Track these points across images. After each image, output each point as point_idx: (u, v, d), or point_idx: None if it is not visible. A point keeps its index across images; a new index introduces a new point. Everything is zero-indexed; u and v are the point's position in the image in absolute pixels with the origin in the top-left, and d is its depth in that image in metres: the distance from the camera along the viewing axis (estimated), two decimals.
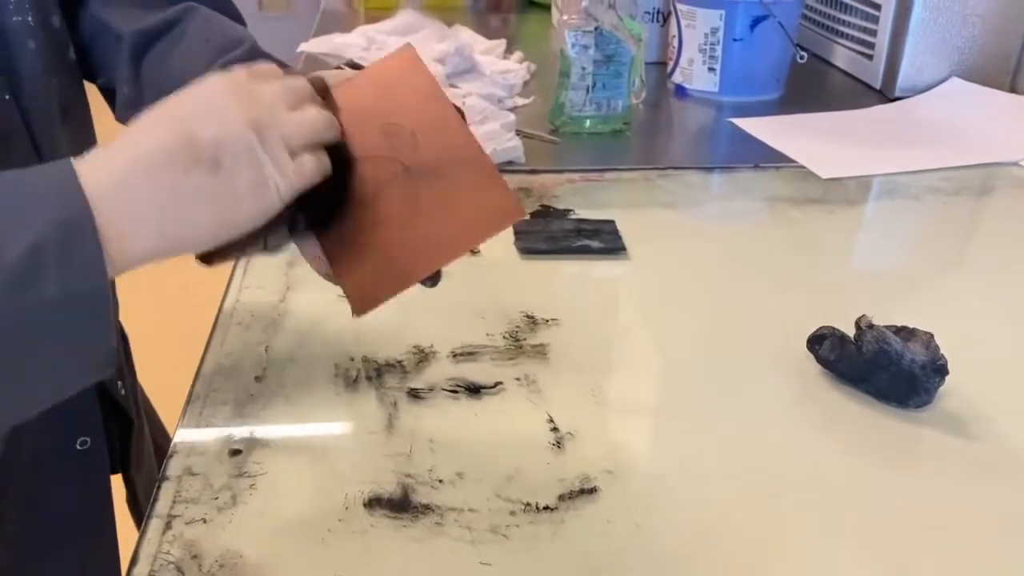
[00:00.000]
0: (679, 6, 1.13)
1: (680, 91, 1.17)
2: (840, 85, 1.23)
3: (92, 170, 0.40)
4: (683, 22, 1.13)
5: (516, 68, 1.15)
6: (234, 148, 0.42)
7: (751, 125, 1.05)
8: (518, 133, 0.96)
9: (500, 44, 1.28)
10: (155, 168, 0.41)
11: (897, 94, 1.14)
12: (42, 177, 0.41)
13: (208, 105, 0.43)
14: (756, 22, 1.09)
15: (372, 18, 1.53)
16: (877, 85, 1.18)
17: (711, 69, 1.13)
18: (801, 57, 1.14)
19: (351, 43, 1.27)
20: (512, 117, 0.96)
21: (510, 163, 0.92)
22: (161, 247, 0.41)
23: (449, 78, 1.08)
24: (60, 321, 0.38)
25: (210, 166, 0.42)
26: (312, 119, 0.46)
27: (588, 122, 1.01)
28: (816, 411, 0.56)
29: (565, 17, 0.98)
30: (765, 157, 0.95)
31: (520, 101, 1.10)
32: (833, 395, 0.57)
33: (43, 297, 0.37)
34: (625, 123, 1.02)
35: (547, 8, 1.63)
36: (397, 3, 1.58)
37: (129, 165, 0.41)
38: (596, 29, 0.97)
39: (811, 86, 1.21)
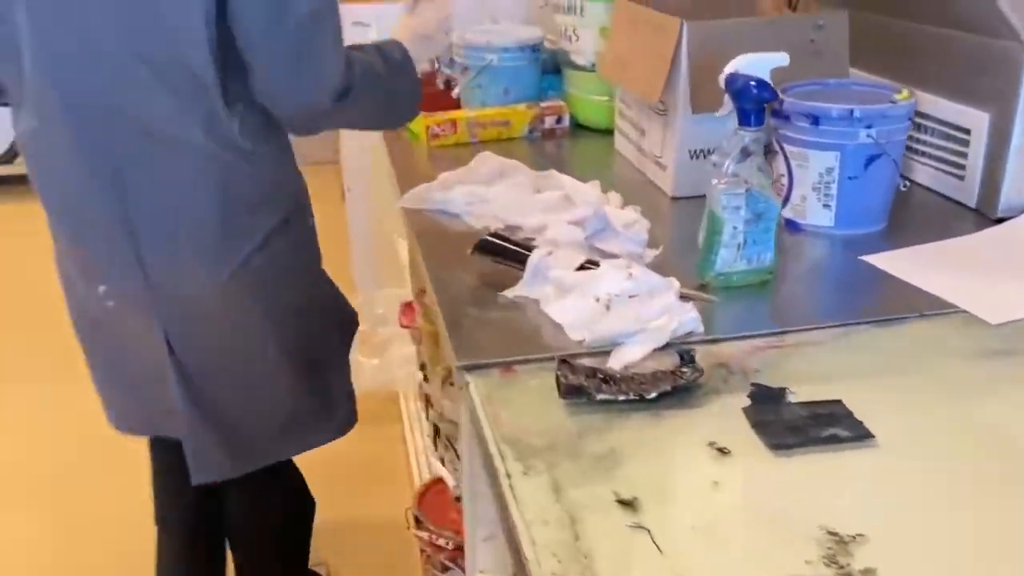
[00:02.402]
0: (787, 148, 1.17)
1: (792, 226, 1.19)
2: (932, 205, 1.27)
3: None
4: (793, 162, 1.17)
5: (637, 218, 1.16)
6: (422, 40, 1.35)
7: (884, 263, 1.08)
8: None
9: (596, 185, 1.30)
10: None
11: (999, 215, 1.19)
12: (393, 48, 1.29)
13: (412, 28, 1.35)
14: (870, 160, 1.13)
15: (439, 157, 1.55)
16: (972, 204, 1.23)
17: (826, 206, 1.16)
18: (905, 186, 1.18)
19: (451, 199, 1.27)
20: (677, 283, 0.97)
21: (689, 334, 0.92)
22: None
23: (588, 239, 1.08)
24: (411, 81, 1.31)
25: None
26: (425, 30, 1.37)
27: (736, 277, 1.03)
28: None
29: (715, 182, 0.99)
30: (922, 302, 0.98)
31: (649, 253, 1.12)
32: None
33: (411, 76, 1.30)
34: (770, 273, 1.04)
35: (595, 130, 1.66)
36: (458, 139, 1.59)
37: (408, 45, 1.30)
38: (747, 191, 0.99)
39: (905, 208, 1.24)
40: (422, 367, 1.95)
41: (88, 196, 1.20)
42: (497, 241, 1.06)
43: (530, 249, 1.04)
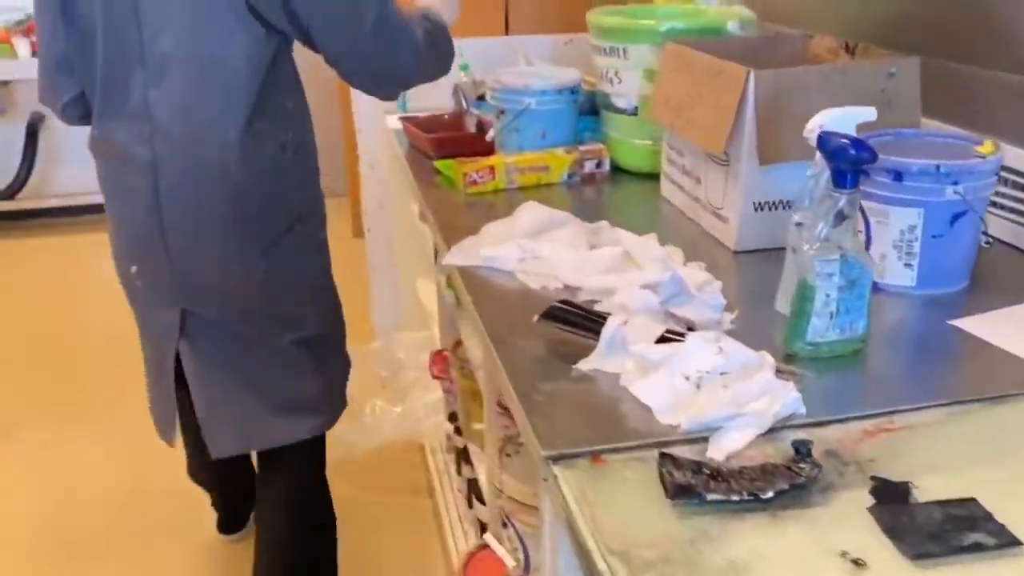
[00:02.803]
0: (866, 203, 1.10)
1: None
2: (1012, 261, 1.20)
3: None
4: (872, 219, 1.10)
5: (709, 279, 1.09)
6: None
7: (977, 328, 1.01)
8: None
9: (653, 239, 1.23)
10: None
11: None
12: (428, 11, 1.48)
13: None
14: (956, 218, 1.07)
15: (476, 204, 1.48)
16: None
17: (908, 265, 1.09)
18: (988, 243, 1.11)
19: (500, 255, 1.20)
20: (771, 359, 0.89)
21: (791, 417, 0.85)
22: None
23: (663, 304, 1.01)
24: (449, 35, 1.50)
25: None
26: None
27: (826, 347, 0.96)
28: None
29: (807, 247, 0.93)
30: None
31: (727, 317, 1.04)
32: None
33: (447, 32, 1.50)
34: (862, 341, 0.97)
35: (635, 174, 1.60)
36: (496, 186, 1.52)
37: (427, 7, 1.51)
38: (841, 256, 0.92)
39: (984, 265, 1.17)
40: (451, 417, 1.87)
41: (130, 195, 1.41)
42: (568, 308, 0.99)
43: (603, 317, 0.97)
